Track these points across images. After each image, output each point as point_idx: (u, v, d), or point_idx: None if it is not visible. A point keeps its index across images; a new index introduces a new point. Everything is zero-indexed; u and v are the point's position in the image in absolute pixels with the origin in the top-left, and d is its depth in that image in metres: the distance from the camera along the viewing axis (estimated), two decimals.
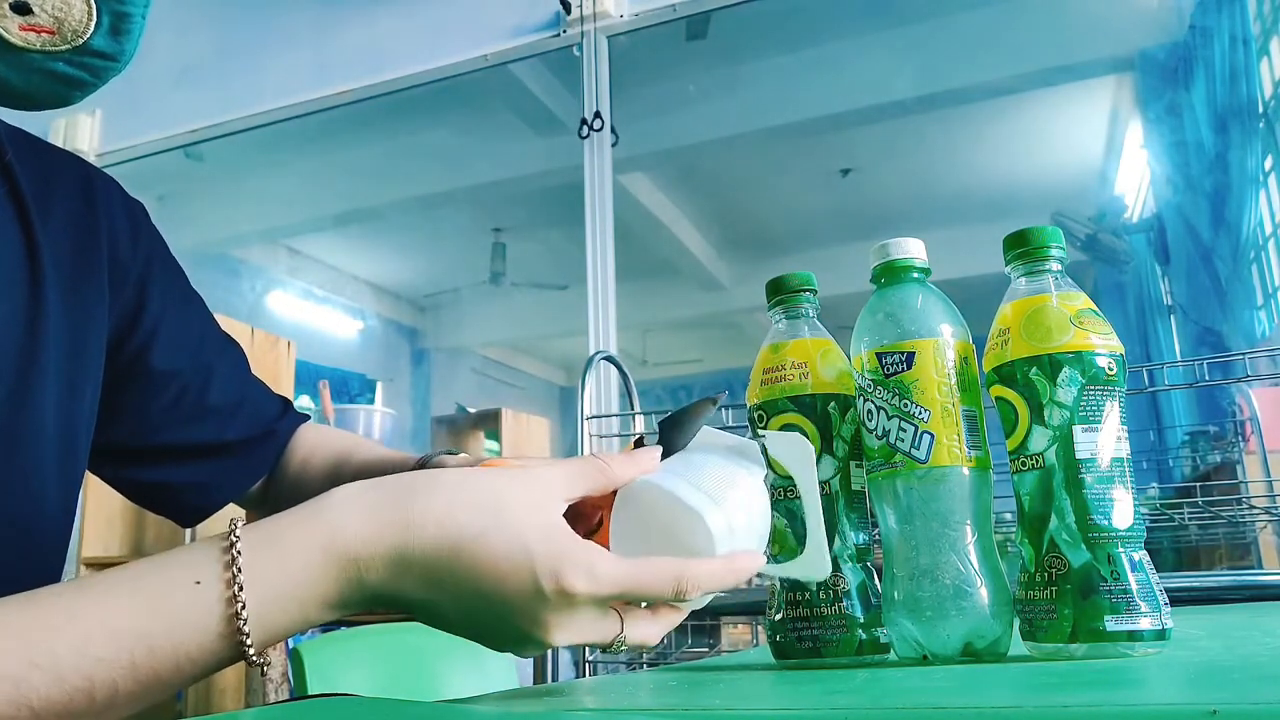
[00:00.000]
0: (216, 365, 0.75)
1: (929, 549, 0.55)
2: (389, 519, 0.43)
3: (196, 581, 0.41)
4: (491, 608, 0.43)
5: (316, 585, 0.42)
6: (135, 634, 0.39)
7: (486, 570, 0.42)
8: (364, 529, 0.42)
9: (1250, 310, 2.98)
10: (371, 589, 0.43)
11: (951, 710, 0.31)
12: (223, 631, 0.40)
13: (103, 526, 2.97)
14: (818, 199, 4.79)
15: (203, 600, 0.40)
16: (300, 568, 0.42)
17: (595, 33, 2.77)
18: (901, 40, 3.34)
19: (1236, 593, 1.29)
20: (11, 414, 0.59)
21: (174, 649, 0.40)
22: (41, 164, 0.68)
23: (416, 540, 0.42)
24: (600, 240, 2.65)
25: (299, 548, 0.42)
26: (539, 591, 0.42)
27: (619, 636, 0.45)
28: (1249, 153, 2.91)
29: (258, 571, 0.41)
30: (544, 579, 0.42)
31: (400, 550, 0.42)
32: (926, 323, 0.57)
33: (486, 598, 0.43)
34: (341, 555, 0.42)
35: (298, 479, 0.78)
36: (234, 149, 3.41)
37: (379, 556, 0.42)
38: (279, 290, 5.10)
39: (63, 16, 0.55)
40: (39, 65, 0.56)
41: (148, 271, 0.72)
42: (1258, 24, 2.91)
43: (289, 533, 0.42)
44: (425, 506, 0.43)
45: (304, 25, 3.29)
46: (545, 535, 0.43)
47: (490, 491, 0.44)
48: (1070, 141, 4.11)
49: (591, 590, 0.42)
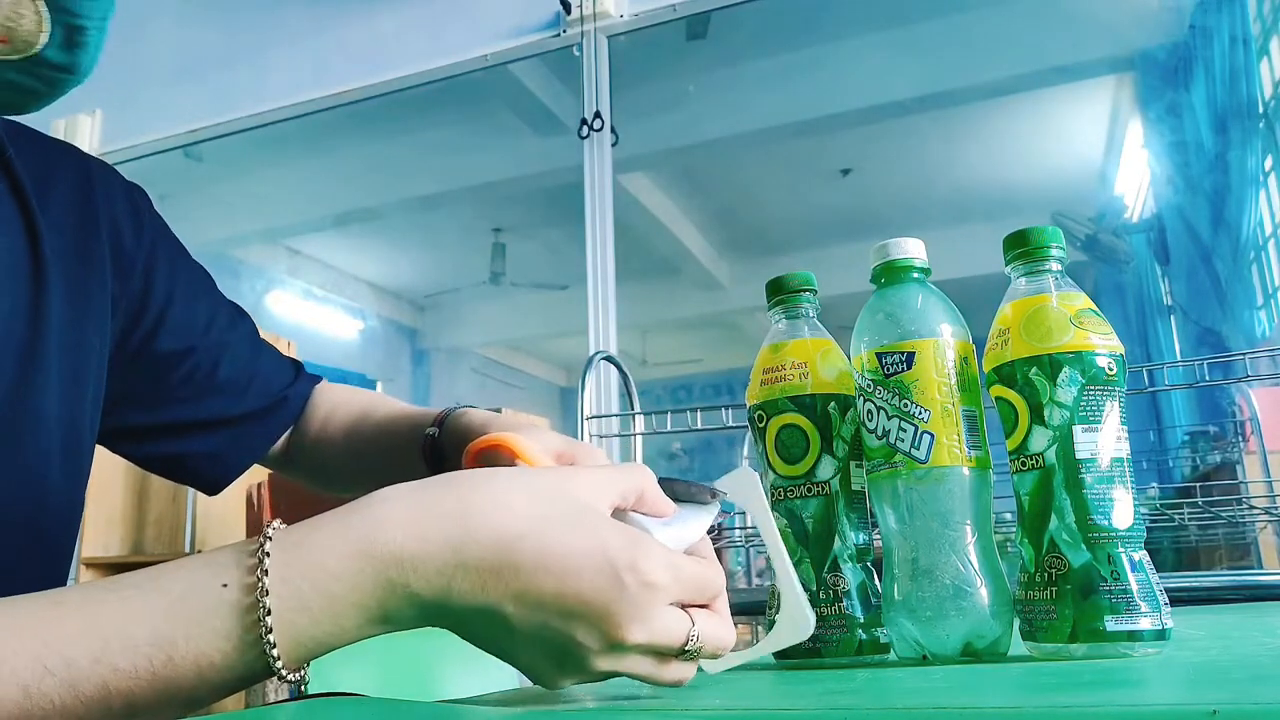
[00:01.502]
0: (226, 342, 0.76)
1: (929, 549, 0.55)
2: (442, 511, 0.39)
3: (223, 585, 0.38)
4: (561, 605, 0.39)
5: (353, 590, 0.38)
6: (154, 642, 0.37)
7: (555, 560, 0.39)
8: (412, 525, 0.38)
9: (1250, 310, 2.98)
10: (418, 596, 0.39)
11: (951, 710, 0.31)
12: (247, 639, 0.37)
13: (103, 526, 2.97)
14: (818, 199, 4.79)
15: (225, 604, 0.37)
16: (334, 570, 0.38)
17: (595, 33, 2.77)
18: (901, 40, 3.34)
19: (1236, 593, 1.29)
20: (14, 405, 0.59)
21: (195, 658, 0.37)
22: (40, 156, 0.68)
23: (473, 532, 0.39)
24: (600, 240, 2.65)
25: (334, 547, 0.38)
26: (617, 581, 0.39)
27: (692, 632, 0.41)
28: (1249, 153, 2.91)
29: (285, 572, 0.38)
30: (622, 567, 0.39)
31: (454, 544, 0.38)
32: (926, 323, 0.57)
33: (555, 595, 0.39)
34: (383, 555, 0.38)
35: (319, 438, 0.79)
36: (234, 149, 3.41)
37: (429, 556, 0.38)
38: (279, 290, 5.09)
39: (13, 26, 0.54)
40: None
41: (152, 257, 0.73)
42: (1258, 24, 2.91)
43: (324, 530, 0.39)
44: (483, 495, 0.40)
45: (304, 25, 3.29)
46: (613, 525, 0.40)
47: (551, 479, 0.41)
48: (1070, 141, 4.10)
49: (672, 579, 0.40)
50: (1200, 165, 3.19)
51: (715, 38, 3.02)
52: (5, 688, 0.35)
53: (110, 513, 2.99)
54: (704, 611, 0.43)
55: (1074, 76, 3.57)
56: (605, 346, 2.56)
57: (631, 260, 3.56)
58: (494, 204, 4.72)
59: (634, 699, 0.44)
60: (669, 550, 0.41)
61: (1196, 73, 3.13)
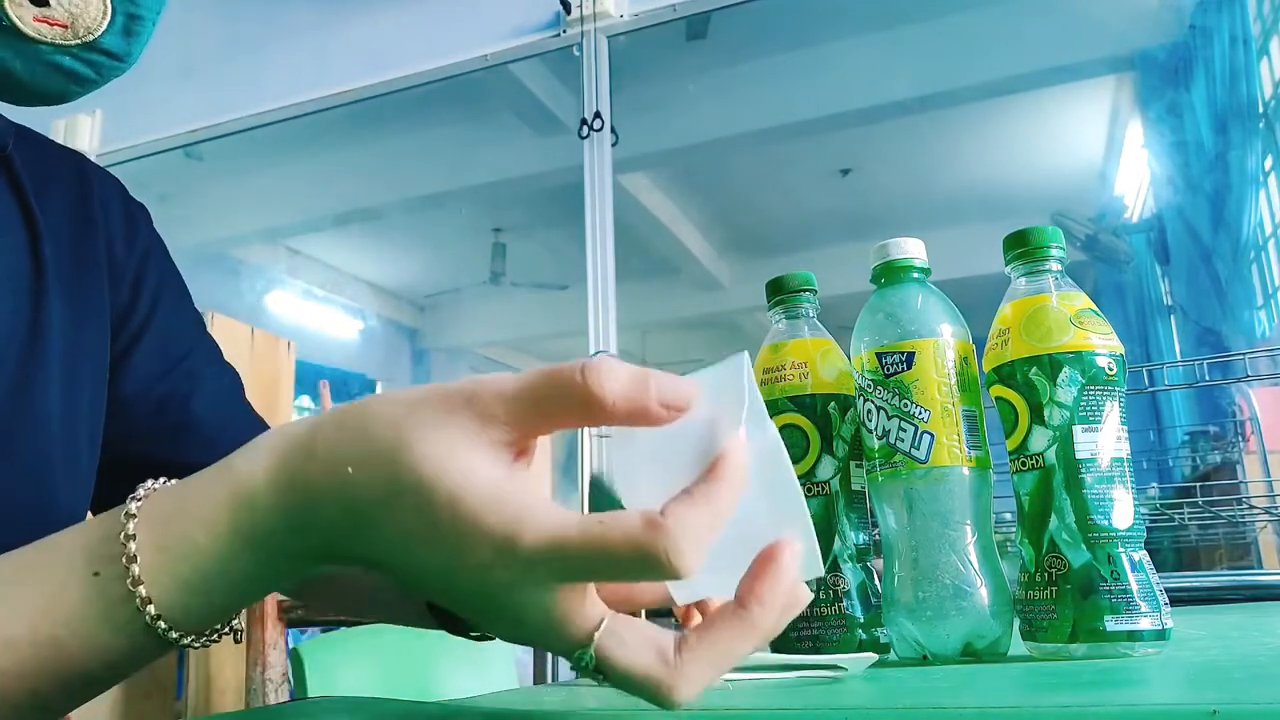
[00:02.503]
0: (204, 376, 0.72)
1: (929, 549, 0.55)
2: (287, 479, 0.35)
3: (95, 573, 0.35)
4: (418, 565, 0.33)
5: (239, 572, 0.35)
6: (39, 640, 0.35)
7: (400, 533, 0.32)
8: (269, 497, 0.35)
9: (1250, 310, 2.97)
10: (299, 562, 0.35)
11: (951, 710, 0.31)
12: (134, 624, 0.35)
13: None
14: (818, 199, 4.79)
15: (100, 592, 0.35)
16: (206, 547, 0.35)
17: (595, 33, 2.77)
18: (901, 40, 3.34)
19: (1236, 593, 1.29)
20: (14, 406, 0.59)
21: (91, 650, 0.35)
22: (40, 158, 0.67)
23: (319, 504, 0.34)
24: (600, 240, 2.65)
25: (201, 522, 0.35)
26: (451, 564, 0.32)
27: (582, 652, 0.32)
28: (1249, 153, 2.90)
29: (155, 559, 0.35)
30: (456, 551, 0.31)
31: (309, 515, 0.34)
32: (926, 323, 0.57)
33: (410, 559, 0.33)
34: (251, 535, 0.35)
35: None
36: (234, 149, 3.41)
37: (287, 523, 0.35)
38: (279, 290, 5.09)
39: (78, 12, 0.56)
40: (46, 57, 0.56)
41: (142, 272, 0.71)
42: (1258, 24, 2.91)
43: (188, 505, 0.36)
44: (324, 463, 0.34)
45: (304, 25, 3.29)
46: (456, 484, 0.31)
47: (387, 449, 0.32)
48: (1070, 141, 4.10)
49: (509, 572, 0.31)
50: (1200, 165, 3.18)
51: (715, 38, 3.02)
52: None
53: None
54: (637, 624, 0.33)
55: (1074, 76, 3.57)
56: (605, 346, 2.56)
57: (631, 260, 3.55)
58: (494, 204, 4.72)
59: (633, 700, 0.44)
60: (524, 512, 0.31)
61: (1196, 73, 3.13)
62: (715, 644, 0.32)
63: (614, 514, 0.30)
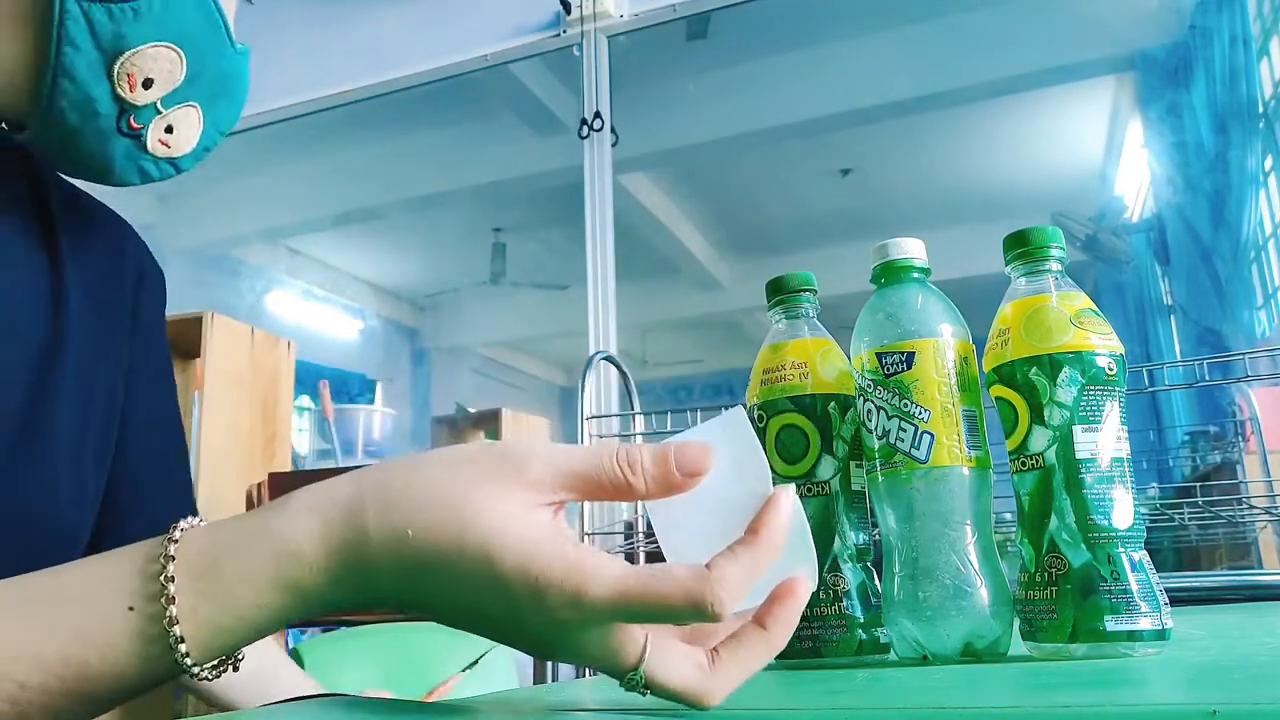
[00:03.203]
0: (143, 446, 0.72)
1: (929, 549, 0.55)
2: (341, 542, 0.37)
3: (129, 608, 0.37)
4: (481, 621, 0.38)
5: (272, 616, 0.38)
6: (65, 660, 0.37)
7: (465, 593, 0.37)
8: (318, 559, 0.38)
9: (1250, 310, 2.97)
10: (338, 606, 0.39)
11: (951, 710, 0.31)
12: (161, 658, 0.38)
13: None
14: (818, 199, 4.79)
15: (134, 630, 0.37)
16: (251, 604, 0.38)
17: (595, 33, 2.77)
18: (901, 40, 3.34)
19: (1236, 593, 1.29)
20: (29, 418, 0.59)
21: (114, 673, 0.37)
22: (71, 197, 0.69)
23: (375, 566, 0.37)
24: (600, 240, 2.65)
25: (247, 585, 0.38)
26: (520, 614, 0.36)
27: (632, 674, 0.37)
28: (1249, 153, 2.90)
29: (194, 603, 0.37)
30: (525, 604, 0.36)
31: (360, 577, 0.38)
32: (926, 323, 0.57)
33: (472, 613, 0.38)
34: (296, 587, 0.38)
35: None
36: (234, 149, 3.40)
37: (337, 585, 0.38)
38: (279, 290, 5.09)
39: (183, 140, 0.61)
40: (137, 160, 0.61)
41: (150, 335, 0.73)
42: (1258, 24, 2.91)
43: (233, 564, 0.38)
44: (379, 526, 0.37)
45: (304, 25, 3.28)
46: (520, 549, 0.36)
47: (453, 507, 0.37)
48: (1070, 141, 4.10)
49: (579, 615, 0.36)
50: (1200, 165, 3.18)
51: (715, 38, 3.02)
52: None
53: None
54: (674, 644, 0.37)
55: (1074, 76, 3.57)
56: (605, 346, 2.56)
57: (631, 260, 3.55)
58: (494, 204, 4.72)
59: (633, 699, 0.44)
60: (586, 567, 0.35)
61: (1196, 73, 3.13)
62: (742, 658, 0.38)
63: (666, 567, 0.36)
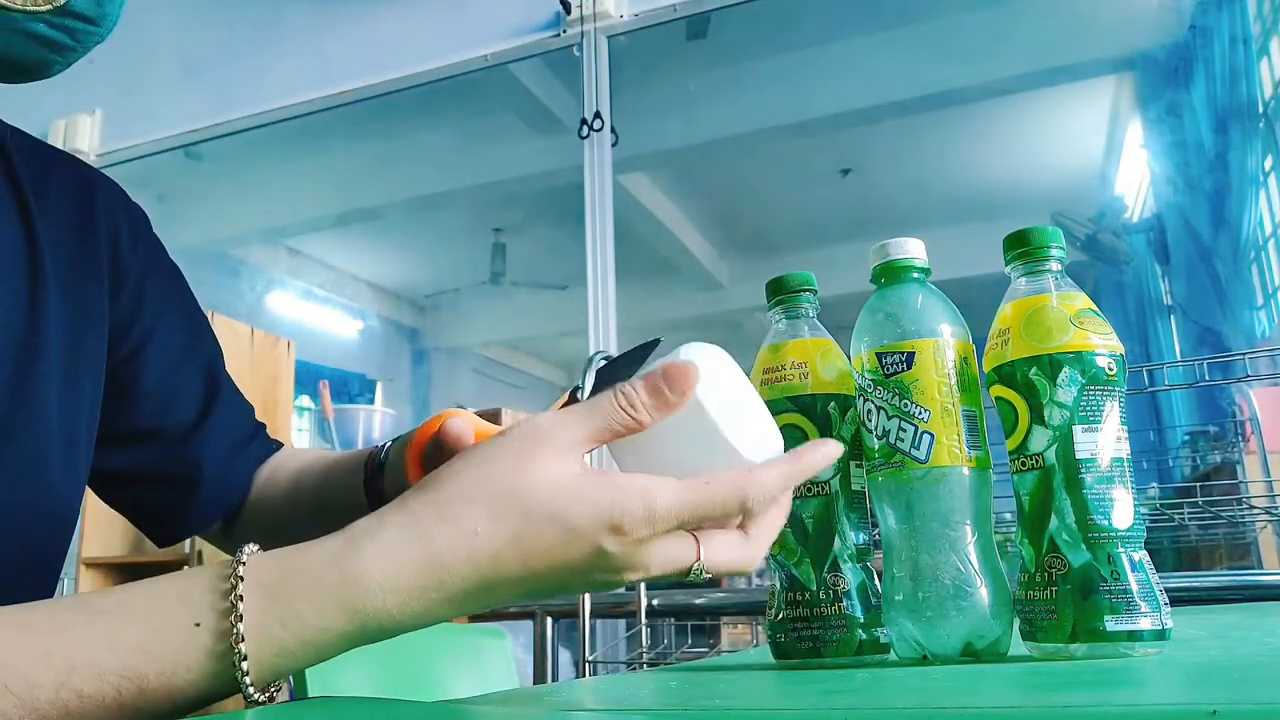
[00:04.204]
0: (193, 387, 0.73)
1: (929, 549, 0.55)
2: (413, 558, 0.40)
3: (195, 624, 0.38)
4: (559, 582, 0.42)
5: (337, 639, 0.40)
6: (124, 673, 0.37)
7: (537, 557, 0.40)
8: (388, 579, 0.39)
9: (1250, 310, 2.97)
10: (404, 624, 0.41)
11: (951, 710, 0.31)
12: (222, 677, 0.38)
13: (103, 526, 2.97)
14: (818, 199, 4.79)
15: (199, 645, 0.38)
16: (316, 627, 0.39)
17: (595, 33, 2.77)
18: (901, 40, 3.34)
19: (1236, 593, 1.29)
20: (13, 404, 0.59)
21: (168, 691, 0.38)
22: (39, 162, 0.67)
23: (452, 570, 0.40)
24: (600, 240, 2.65)
25: (313, 607, 0.39)
26: (602, 551, 0.41)
27: (697, 564, 0.43)
28: (1249, 153, 2.90)
29: (262, 619, 0.38)
30: (603, 539, 0.40)
31: (435, 590, 0.40)
32: (926, 323, 0.57)
33: (545, 578, 0.41)
34: (364, 611, 0.39)
35: (257, 501, 0.76)
36: (234, 149, 3.41)
37: (408, 602, 0.40)
38: (279, 290, 5.09)
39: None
40: (19, 26, 0.56)
41: (146, 276, 0.71)
42: (1258, 24, 2.91)
43: (300, 586, 0.39)
44: (447, 528, 0.40)
45: (304, 25, 3.29)
46: (582, 499, 0.41)
47: (506, 488, 0.41)
48: (1070, 141, 4.11)
49: (653, 530, 0.41)
50: (1200, 165, 3.18)
51: (715, 38, 3.02)
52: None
53: (110, 513, 2.97)
54: (715, 533, 0.44)
55: (1074, 76, 3.57)
56: (605, 346, 2.56)
57: (631, 260, 3.55)
58: (494, 204, 4.72)
59: (633, 700, 0.44)
60: (655, 497, 0.41)
61: (1196, 73, 3.13)
62: (766, 526, 0.46)
63: (717, 476, 0.42)
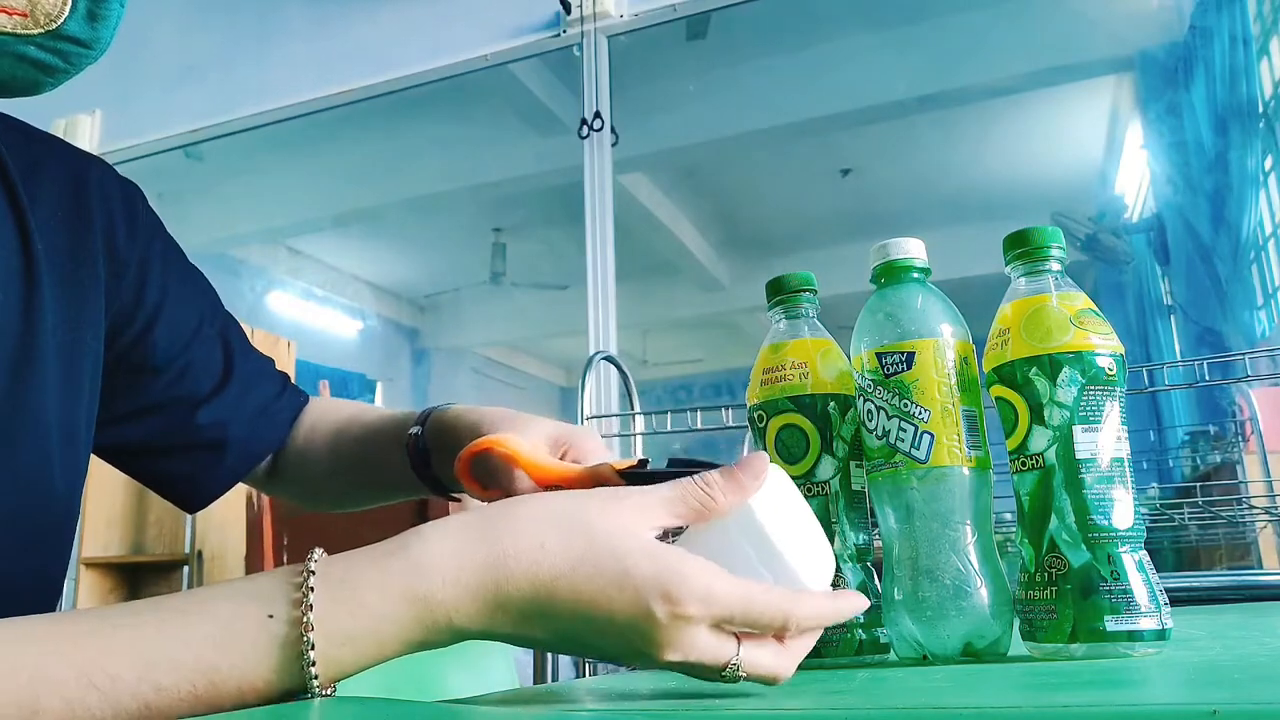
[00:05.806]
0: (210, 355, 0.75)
1: (929, 549, 0.55)
2: (479, 560, 0.41)
3: (269, 615, 0.40)
4: (596, 631, 0.42)
5: (398, 629, 0.41)
6: (199, 666, 0.38)
7: (588, 597, 0.41)
8: (451, 573, 0.41)
9: (1250, 310, 2.97)
10: (462, 631, 0.41)
11: (951, 710, 0.31)
12: (290, 669, 0.39)
13: (102, 526, 2.97)
14: (818, 199, 4.79)
15: (271, 636, 0.39)
16: (379, 611, 0.40)
17: (595, 33, 2.78)
18: (901, 40, 3.34)
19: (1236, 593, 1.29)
20: (11, 405, 0.58)
21: (238, 682, 0.39)
22: (28, 150, 0.66)
23: (511, 579, 0.41)
24: (600, 240, 2.65)
25: (378, 586, 0.40)
26: (649, 614, 0.41)
27: (734, 661, 0.42)
28: (1249, 153, 2.90)
29: (331, 608, 0.40)
30: (654, 601, 0.40)
31: (493, 591, 0.41)
32: (926, 323, 0.57)
33: (590, 623, 0.41)
34: (425, 600, 0.40)
35: (301, 455, 0.78)
36: (234, 148, 3.41)
37: (468, 600, 0.41)
38: (279, 290, 5.09)
39: (37, 0, 0.54)
40: (9, 49, 0.55)
41: (146, 257, 0.71)
42: (1258, 24, 2.91)
43: (366, 569, 0.41)
44: (517, 540, 0.41)
45: (304, 25, 3.29)
46: (648, 555, 0.41)
47: (581, 519, 0.42)
48: (1070, 141, 4.10)
49: (705, 611, 0.41)
50: (1200, 165, 3.18)
51: (715, 38, 3.03)
52: (48, 699, 0.36)
53: (110, 513, 2.98)
54: (757, 640, 0.43)
55: (1074, 76, 3.57)
56: (605, 346, 2.56)
57: (631, 260, 3.55)
58: (494, 204, 4.72)
59: (633, 700, 0.44)
60: (714, 578, 0.41)
61: (1196, 73, 3.12)
62: (800, 640, 0.44)
63: (777, 588, 0.43)
